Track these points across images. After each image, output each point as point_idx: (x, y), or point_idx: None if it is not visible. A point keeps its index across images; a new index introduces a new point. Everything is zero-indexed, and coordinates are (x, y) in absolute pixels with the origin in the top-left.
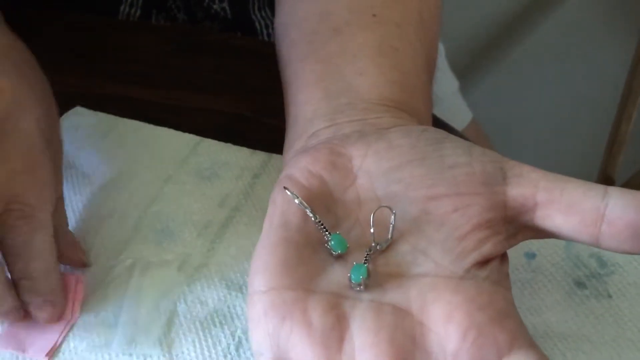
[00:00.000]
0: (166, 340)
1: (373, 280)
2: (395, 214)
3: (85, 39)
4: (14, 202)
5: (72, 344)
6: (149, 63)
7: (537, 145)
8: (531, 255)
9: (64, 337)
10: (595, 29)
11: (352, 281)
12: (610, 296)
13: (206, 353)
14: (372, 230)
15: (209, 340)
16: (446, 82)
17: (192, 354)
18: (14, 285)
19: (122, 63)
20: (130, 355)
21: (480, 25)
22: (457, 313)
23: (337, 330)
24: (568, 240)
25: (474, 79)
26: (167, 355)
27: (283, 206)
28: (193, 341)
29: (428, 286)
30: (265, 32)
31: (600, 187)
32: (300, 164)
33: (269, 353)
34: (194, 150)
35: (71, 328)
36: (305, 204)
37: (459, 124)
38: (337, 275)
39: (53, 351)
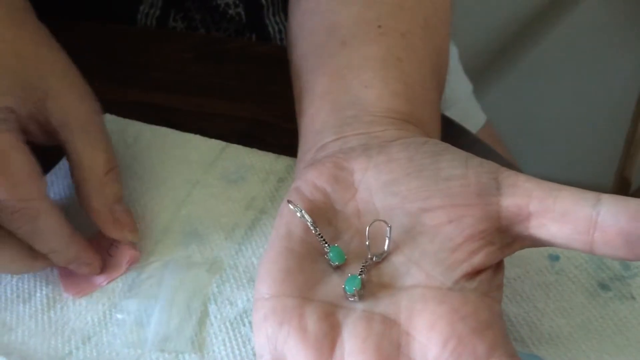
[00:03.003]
0: (197, 339)
1: (367, 291)
2: (390, 227)
3: (108, 47)
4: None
5: (105, 339)
6: (170, 70)
7: (552, 148)
8: (555, 257)
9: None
10: (609, 30)
11: (347, 292)
12: (634, 298)
13: (236, 352)
14: (367, 242)
15: (239, 339)
16: (460, 84)
17: (223, 352)
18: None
19: (145, 70)
20: (163, 351)
21: (495, 28)
22: (439, 323)
23: (329, 336)
24: (563, 248)
25: (488, 81)
26: (198, 353)
27: (288, 218)
28: (223, 340)
29: (417, 297)
30: (278, 36)
31: (593, 195)
32: (306, 177)
33: (268, 355)
34: (220, 155)
35: (105, 325)
36: (308, 217)
37: (473, 126)
38: (335, 285)
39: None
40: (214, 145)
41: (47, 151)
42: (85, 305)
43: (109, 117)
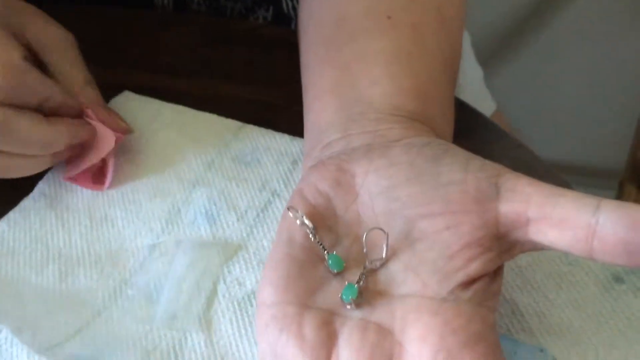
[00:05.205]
0: (205, 317)
1: (365, 298)
2: (388, 235)
3: (118, 31)
4: None
5: (115, 315)
6: (180, 54)
7: (564, 134)
8: None
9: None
10: (621, 14)
11: (344, 301)
12: None
13: (242, 331)
14: (364, 250)
15: (246, 319)
16: (471, 71)
17: (229, 331)
18: None
19: (154, 54)
20: (171, 329)
21: (505, 14)
22: (430, 335)
23: (326, 345)
24: (564, 252)
25: (498, 65)
26: (205, 331)
27: (290, 223)
28: (230, 319)
29: (412, 307)
30: (292, 12)
31: (593, 201)
32: (310, 179)
33: None
34: (236, 136)
35: (116, 300)
36: (308, 224)
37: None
38: (334, 292)
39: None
40: (230, 125)
41: None
42: (96, 280)
43: (128, 95)
